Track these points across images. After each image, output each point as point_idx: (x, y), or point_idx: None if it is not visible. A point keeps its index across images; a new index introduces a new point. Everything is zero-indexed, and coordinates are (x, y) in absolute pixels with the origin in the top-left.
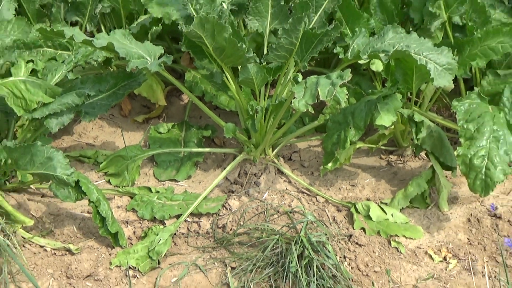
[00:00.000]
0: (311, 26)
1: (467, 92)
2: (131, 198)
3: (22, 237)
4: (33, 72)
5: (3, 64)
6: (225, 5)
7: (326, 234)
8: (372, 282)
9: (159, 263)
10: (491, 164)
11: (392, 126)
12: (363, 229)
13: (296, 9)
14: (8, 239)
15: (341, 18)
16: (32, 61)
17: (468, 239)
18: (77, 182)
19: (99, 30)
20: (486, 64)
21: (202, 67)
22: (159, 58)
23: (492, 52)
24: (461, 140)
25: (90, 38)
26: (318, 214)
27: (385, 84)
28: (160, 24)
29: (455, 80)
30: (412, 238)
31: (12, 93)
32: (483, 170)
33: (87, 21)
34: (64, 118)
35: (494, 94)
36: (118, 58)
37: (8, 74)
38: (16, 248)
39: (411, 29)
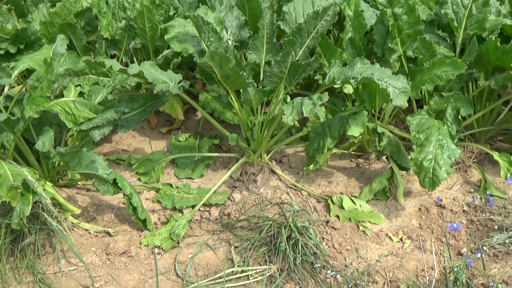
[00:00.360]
0: (297, 58)
1: (418, 110)
2: (157, 192)
3: (71, 222)
4: (80, 94)
5: (57, 87)
6: (230, 42)
7: (308, 221)
8: (345, 258)
9: (178, 243)
10: (437, 165)
11: (360, 136)
12: (337, 216)
13: (285, 45)
14: (60, 224)
15: (320, 52)
16: (80, 85)
17: (419, 224)
18: (114, 180)
19: (132, 61)
20: (433, 88)
21: (212, 90)
22: (178, 83)
23: (438, 79)
24: (414, 147)
25: (125, 68)
26: (302, 204)
27: (355, 104)
28: (179, 57)
29: (409, 100)
30: (375, 223)
31: (64, 110)
32: (431, 170)
33: (123, 54)
34: (105, 130)
35: (439, 111)
36: (147, 83)
37: (61, 95)
38: (66, 231)
39: (374, 61)
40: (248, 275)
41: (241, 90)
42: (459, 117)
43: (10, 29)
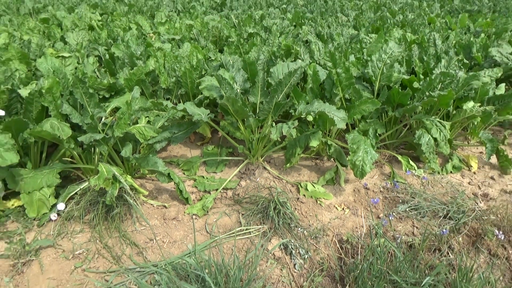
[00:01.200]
0: (279, 100)
1: (352, 130)
2: (194, 181)
3: (142, 200)
4: (148, 122)
5: (134, 118)
6: (238, 90)
7: (286, 198)
8: (309, 220)
9: (207, 212)
10: (364, 164)
11: (317, 146)
12: (304, 195)
13: (272, 92)
14: (135, 201)
15: (292, 96)
16: (148, 116)
17: (354, 199)
18: (169, 173)
19: (179, 102)
20: (361, 117)
21: (228, 119)
22: (207, 115)
23: (364, 111)
24: (350, 152)
25: (175, 106)
26: (283, 188)
27: (314, 126)
28: (208, 99)
29: (347, 124)
30: (327, 199)
31: (138, 132)
32: (360, 167)
33: (174, 97)
34: (163, 144)
35: (365, 131)
36: (188, 115)
37: (136, 122)
38: (139, 205)
39: (325, 101)
40: (250, 231)
41: (245, 119)
42: (377, 134)
43: (106, 83)
